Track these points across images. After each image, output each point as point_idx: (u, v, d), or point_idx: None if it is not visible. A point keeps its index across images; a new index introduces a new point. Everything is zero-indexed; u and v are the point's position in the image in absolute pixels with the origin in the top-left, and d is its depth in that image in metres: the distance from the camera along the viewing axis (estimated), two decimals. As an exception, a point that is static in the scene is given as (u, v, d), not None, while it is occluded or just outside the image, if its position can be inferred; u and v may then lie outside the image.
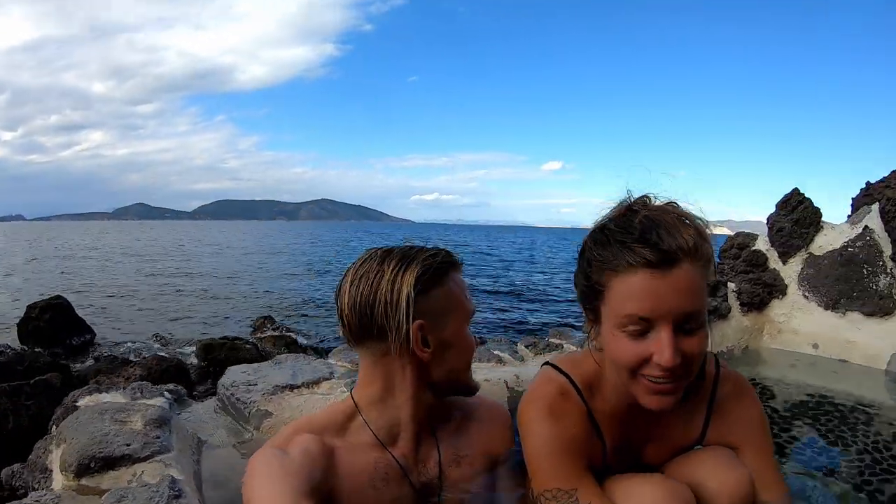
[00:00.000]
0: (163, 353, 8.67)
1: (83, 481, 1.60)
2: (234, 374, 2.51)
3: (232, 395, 2.36)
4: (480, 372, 2.68)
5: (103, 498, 1.46)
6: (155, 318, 14.56)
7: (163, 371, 6.24)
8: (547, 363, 1.73)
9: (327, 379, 2.48)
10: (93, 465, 1.63)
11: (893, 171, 4.21)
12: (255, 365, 2.65)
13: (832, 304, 4.07)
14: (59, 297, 10.34)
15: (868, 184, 4.63)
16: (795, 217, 4.39)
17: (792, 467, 2.32)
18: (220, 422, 2.34)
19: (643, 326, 1.34)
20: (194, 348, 9.48)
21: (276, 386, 2.36)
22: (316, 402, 2.29)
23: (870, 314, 3.87)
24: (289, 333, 10.74)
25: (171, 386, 2.42)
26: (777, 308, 4.34)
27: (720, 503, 1.52)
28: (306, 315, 16.10)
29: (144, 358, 6.90)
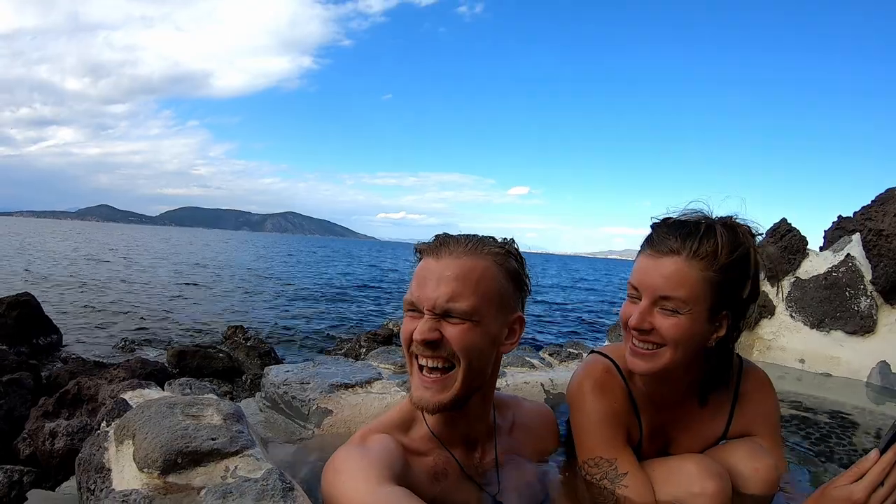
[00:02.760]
0: (145, 357, 8.48)
1: (170, 478, 1.47)
2: (280, 374, 2.50)
3: (285, 393, 2.36)
4: (519, 375, 2.82)
5: (202, 494, 1.39)
6: (122, 322, 14.19)
7: (147, 374, 6.08)
8: (593, 350, 1.96)
9: (377, 379, 2.51)
10: (180, 460, 1.50)
11: (870, 204, 4.54)
12: (300, 364, 2.65)
13: (817, 324, 4.38)
14: (26, 293, 9.93)
15: (840, 217, 5.01)
16: (784, 244, 4.74)
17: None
18: (270, 420, 2.35)
19: (636, 294, 1.62)
20: (164, 354, 9.28)
21: (332, 385, 2.35)
22: (372, 401, 2.32)
23: (852, 332, 4.19)
24: (262, 345, 10.59)
25: (207, 383, 2.39)
26: (766, 327, 4.66)
27: (752, 485, 1.71)
28: (277, 325, 15.91)
29: (127, 360, 6.75)
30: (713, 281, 1.57)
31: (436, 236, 1.60)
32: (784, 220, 4.88)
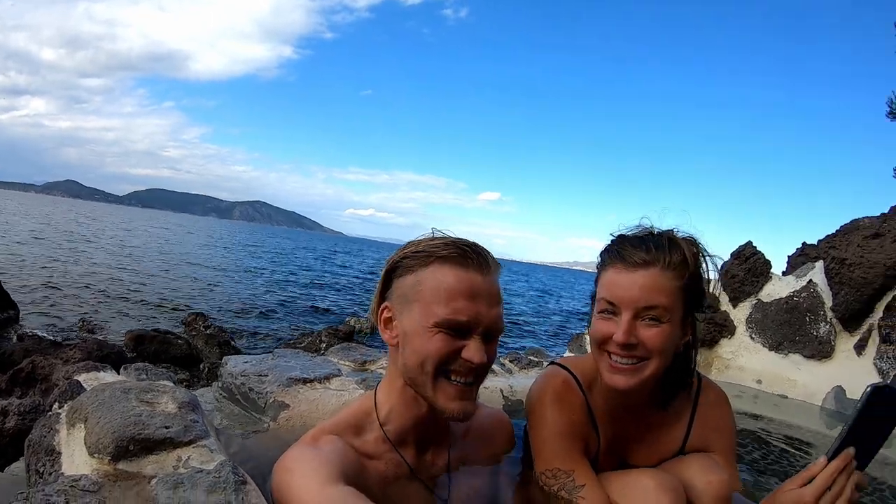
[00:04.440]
0: (102, 339, 8.34)
1: (120, 465, 1.44)
2: (239, 364, 2.47)
3: (243, 384, 2.34)
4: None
5: (153, 483, 1.36)
6: (81, 302, 13.91)
7: (103, 357, 5.98)
8: (552, 362, 1.97)
9: (336, 376, 2.50)
10: (132, 447, 1.46)
11: (835, 233, 4.68)
12: (259, 356, 2.62)
13: (776, 346, 4.47)
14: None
15: (804, 244, 5.17)
16: (748, 266, 4.84)
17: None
18: (226, 411, 2.31)
19: (612, 309, 1.63)
20: (123, 338, 9.13)
21: (290, 378, 2.34)
22: (330, 398, 2.31)
23: (809, 356, 4.28)
24: (222, 333, 10.48)
25: (163, 369, 2.36)
26: (726, 346, 4.76)
27: (705, 499, 1.72)
28: (238, 316, 15.73)
29: (84, 341, 6.62)
30: (685, 288, 1.62)
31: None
32: (749, 243, 4.98)
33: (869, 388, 1.17)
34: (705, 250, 1.72)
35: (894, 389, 1.18)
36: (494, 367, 3.08)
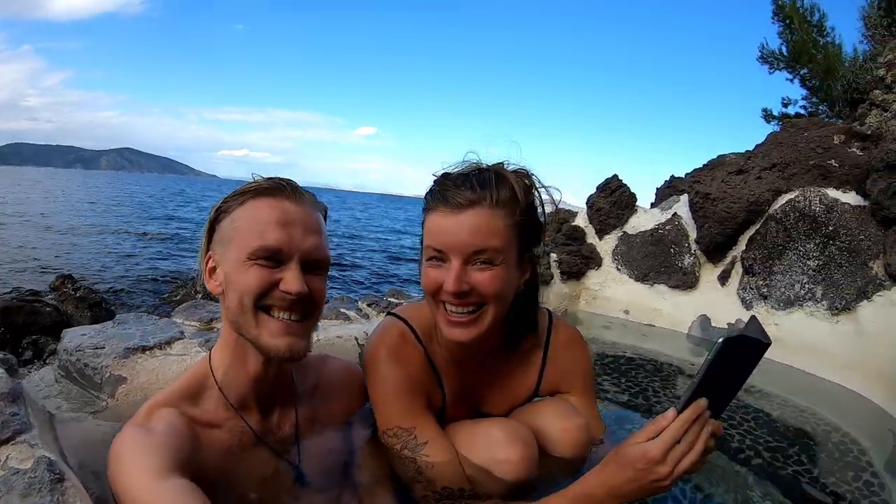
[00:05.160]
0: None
1: None
2: (75, 338, 2.25)
3: (78, 360, 2.11)
4: (332, 329, 2.71)
5: None
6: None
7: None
8: (389, 312, 1.85)
9: (178, 339, 2.31)
10: None
11: (701, 168, 4.84)
12: (98, 326, 2.40)
13: (642, 277, 4.59)
14: None
15: (672, 177, 5.32)
16: (613, 199, 4.93)
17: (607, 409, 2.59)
18: (64, 392, 2.11)
19: (439, 256, 1.52)
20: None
21: (127, 349, 2.15)
22: (171, 365, 2.15)
23: (675, 287, 4.41)
24: (92, 295, 9.90)
25: (0, 354, 2.17)
26: (593, 278, 4.84)
27: (560, 447, 1.68)
28: (104, 273, 14.90)
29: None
30: (517, 225, 1.52)
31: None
32: (615, 177, 5.06)
33: (720, 341, 1.12)
34: (539, 181, 1.63)
35: (748, 338, 1.13)
36: (350, 312, 2.98)
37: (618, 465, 1.24)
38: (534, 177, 1.62)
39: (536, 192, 1.61)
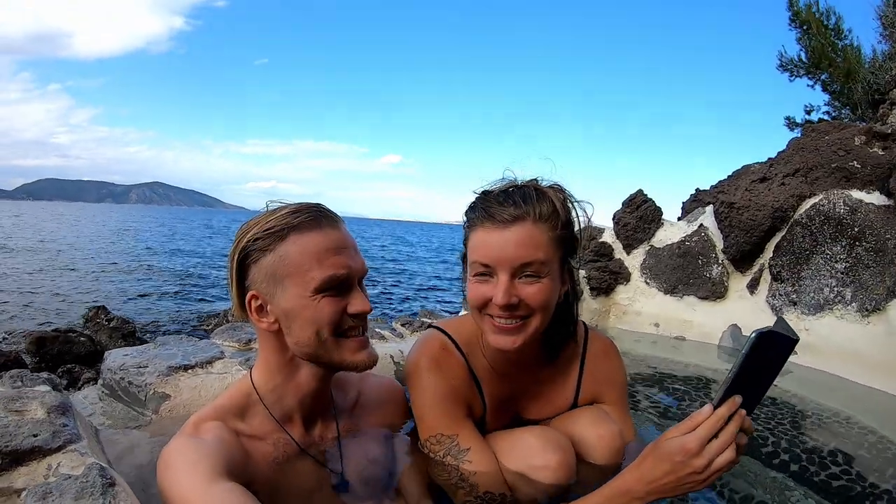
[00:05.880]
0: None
1: None
2: (119, 358, 2.35)
3: (122, 378, 2.23)
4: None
5: (23, 497, 1.30)
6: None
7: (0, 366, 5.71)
8: (430, 325, 1.92)
9: (219, 359, 2.39)
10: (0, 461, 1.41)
11: (725, 179, 4.86)
12: (140, 347, 2.50)
13: (671, 290, 4.58)
14: None
15: (697, 190, 5.31)
16: (640, 214, 4.93)
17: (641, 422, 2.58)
18: (108, 409, 2.20)
19: (487, 271, 1.57)
20: (22, 343, 8.68)
21: (170, 367, 2.24)
22: (213, 383, 2.24)
23: (703, 298, 4.40)
24: (126, 325, 10.07)
25: (45, 374, 2.26)
26: (622, 293, 4.83)
27: (597, 453, 1.72)
28: (139, 303, 15.13)
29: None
30: (559, 238, 1.57)
31: None
32: (640, 191, 5.06)
33: (753, 335, 1.15)
34: (572, 197, 1.67)
35: (778, 333, 1.16)
36: (385, 332, 3.04)
37: (655, 459, 1.26)
38: (567, 192, 1.67)
39: (572, 207, 1.66)
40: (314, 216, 1.46)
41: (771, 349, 1.19)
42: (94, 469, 1.37)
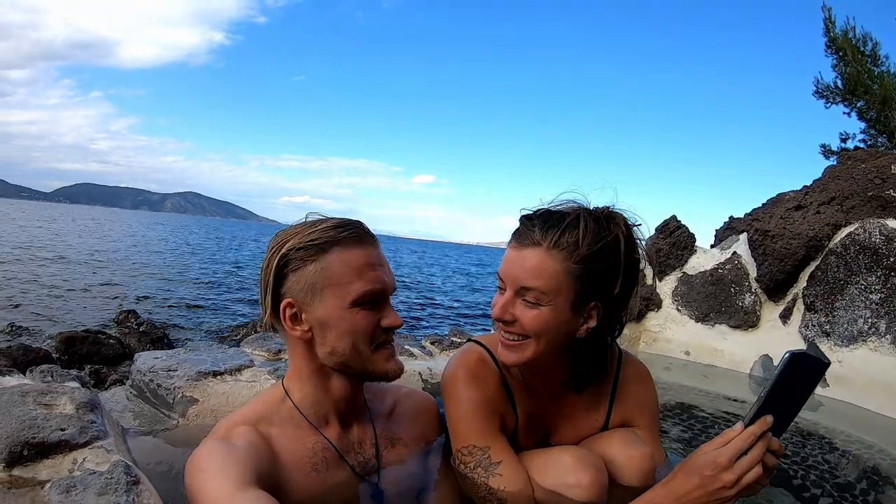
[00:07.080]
0: (27, 343, 8.02)
1: (15, 472, 1.39)
2: (148, 360, 2.39)
3: (151, 380, 2.26)
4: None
5: (46, 489, 1.32)
6: (8, 307, 13.28)
7: (29, 362, 5.78)
8: (469, 339, 1.94)
9: (248, 367, 2.42)
10: (26, 452, 1.43)
11: (760, 207, 4.82)
12: (170, 351, 2.54)
13: (703, 317, 4.55)
14: None
15: (731, 217, 5.27)
16: (672, 240, 4.92)
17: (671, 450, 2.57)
18: (136, 410, 2.23)
19: (502, 285, 1.62)
20: (52, 341, 8.82)
21: (199, 372, 2.28)
22: (241, 390, 2.26)
23: (735, 326, 4.37)
24: (155, 330, 10.19)
25: (74, 371, 2.31)
26: (653, 319, 4.80)
27: (627, 474, 1.72)
28: (172, 310, 15.26)
29: (9, 347, 6.39)
30: (575, 272, 1.53)
31: None
32: (673, 217, 5.04)
33: (787, 355, 1.17)
34: (633, 229, 1.62)
35: (811, 356, 1.18)
36: (414, 350, 3.07)
37: (685, 474, 1.28)
38: (633, 225, 1.63)
39: (623, 243, 1.58)
40: (357, 233, 1.50)
41: (803, 371, 1.21)
42: (119, 466, 1.40)
